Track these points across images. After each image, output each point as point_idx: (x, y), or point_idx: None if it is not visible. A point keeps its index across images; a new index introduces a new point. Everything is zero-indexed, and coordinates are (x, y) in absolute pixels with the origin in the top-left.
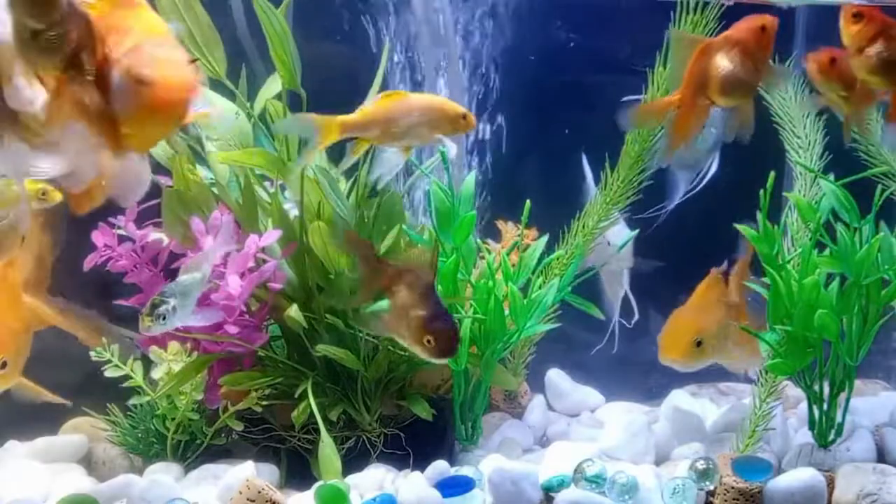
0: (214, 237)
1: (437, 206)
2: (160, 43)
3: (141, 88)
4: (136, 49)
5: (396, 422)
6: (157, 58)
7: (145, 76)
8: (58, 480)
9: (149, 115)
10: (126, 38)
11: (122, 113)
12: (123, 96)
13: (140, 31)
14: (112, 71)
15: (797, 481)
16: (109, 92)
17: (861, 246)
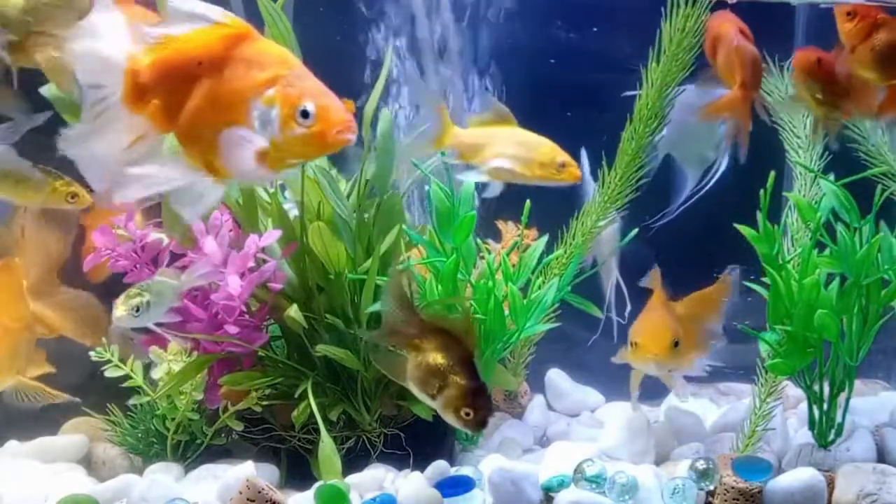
0: (215, 237)
1: (437, 206)
2: (305, 73)
3: (302, 120)
4: (287, 79)
5: (396, 422)
6: (314, 90)
7: (308, 109)
8: (58, 480)
9: (304, 149)
10: (257, 68)
11: (279, 143)
12: (276, 126)
13: (275, 61)
14: (253, 101)
15: (797, 481)
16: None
17: (861, 246)
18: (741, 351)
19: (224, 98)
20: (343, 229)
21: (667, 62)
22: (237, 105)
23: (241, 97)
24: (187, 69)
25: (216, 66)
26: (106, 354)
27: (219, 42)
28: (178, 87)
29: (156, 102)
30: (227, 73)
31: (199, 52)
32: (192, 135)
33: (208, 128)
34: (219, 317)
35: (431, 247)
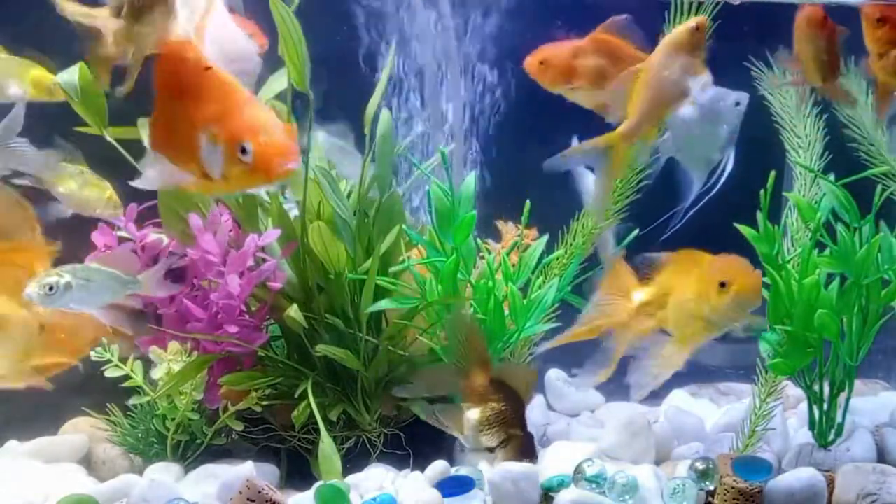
0: (214, 235)
1: (437, 206)
2: (246, 104)
3: (243, 157)
4: (227, 113)
5: (396, 422)
6: (254, 124)
7: (247, 146)
8: (58, 480)
9: (248, 181)
10: (203, 100)
11: (216, 175)
12: (220, 163)
13: (219, 94)
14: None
15: (797, 481)
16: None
17: (861, 246)
18: (741, 351)
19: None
20: (343, 229)
21: None
22: (189, 135)
23: (191, 129)
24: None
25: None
26: (106, 354)
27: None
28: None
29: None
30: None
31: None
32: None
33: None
34: (219, 317)
35: (431, 247)
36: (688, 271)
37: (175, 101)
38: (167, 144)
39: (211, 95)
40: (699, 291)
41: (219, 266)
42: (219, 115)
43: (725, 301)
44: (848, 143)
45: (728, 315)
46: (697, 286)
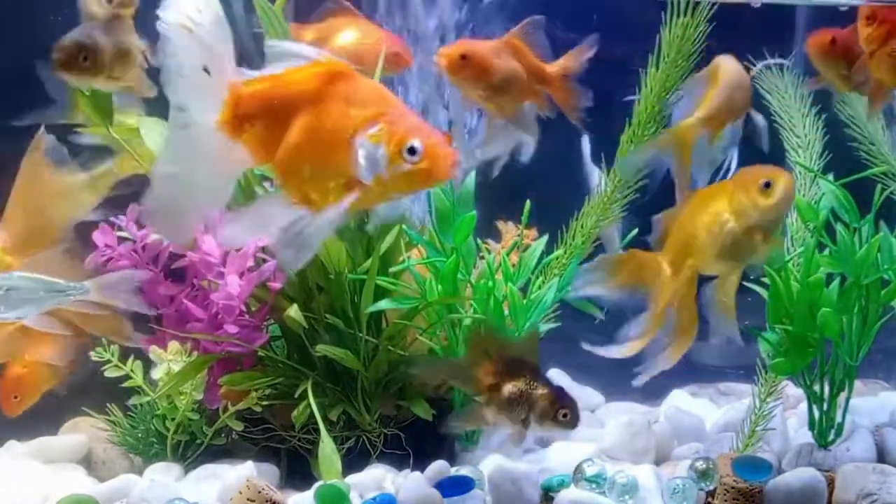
0: (214, 236)
1: (437, 206)
2: (405, 110)
3: (409, 157)
4: (390, 117)
5: (396, 422)
6: (418, 127)
7: (415, 146)
8: (58, 480)
9: (411, 184)
10: (358, 105)
11: (371, 179)
12: (381, 164)
13: (375, 98)
14: (356, 138)
15: (797, 481)
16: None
17: (861, 246)
18: (741, 351)
19: (324, 134)
20: (343, 229)
21: (666, 68)
22: (339, 142)
23: (343, 134)
24: (287, 102)
25: (315, 101)
26: (106, 354)
27: (317, 78)
28: (277, 119)
29: (253, 132)
30: (326, 110)
31: (299, 86)
32: (291, 169)
33: (308, 163)
34: (219, 317)
35: (431, 247)
36: (705, 204)
37: (317, 114)
38: (302, 160)
39: (368, 100)
40: (738, 205)
41: (219, 266)
42: (381, 116)
43: (774, 199)
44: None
45: (778, 214)
46: (732, 202)
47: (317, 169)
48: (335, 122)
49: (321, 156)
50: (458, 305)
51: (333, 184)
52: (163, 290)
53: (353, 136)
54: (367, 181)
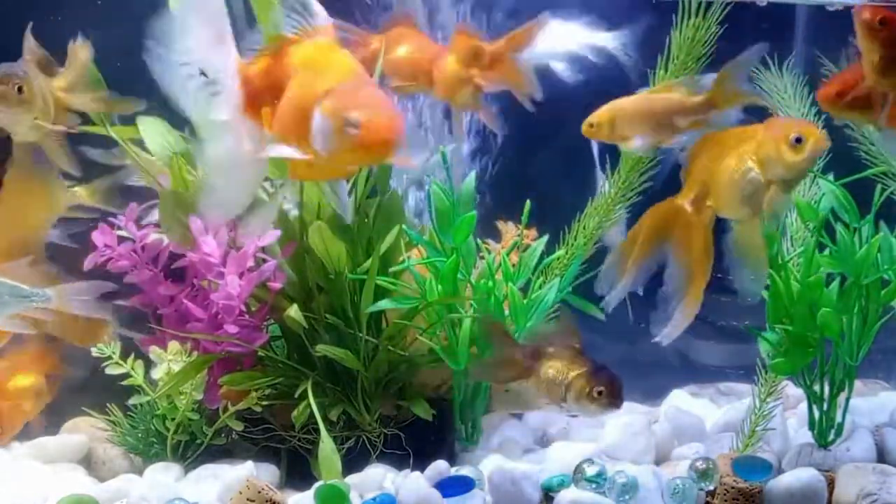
0: (214, 236)
1: (437, 206)
2: (362, 83)
3: (350, 130)
4: (340, 90)
5: (396, 422)
6: (365, 100)
7: (354, 119)
8: (58, 480)
9: (354, 156)
10: (322, 78)
11: (322, 150)
12: (328, 135)
13: (338, 71)
14: (314, 109)
15: (797, 481)
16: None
17: (861, 246)
18: (741, 351)
19: (295, 103)
20: (343, 229)
21: (676, 70)
22: (304, 111)
23: (306, 104)
24: (285, 75)
25: (299, 71)
26: (107, 351)
27: (305, 50)
28: (276, 88)
29: (267, 109)
30: (301, 80)
31: (292, 58)
32: (281, 137)
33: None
34: (219, 317)
35: (431, 247)
36: (731, 147)
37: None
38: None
39: (332, 72)
40: (765, 155)
41: (219, 267)
42: (335, 89)
43: (804, 155)
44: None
45: (802, 171)
46: (760, 151)
47: (288, 137)
48: (304, 93)
49: (293, 124)
50: (458, 305)
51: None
52: (163, 290)
53: (312, 106)
54: (320, 151)
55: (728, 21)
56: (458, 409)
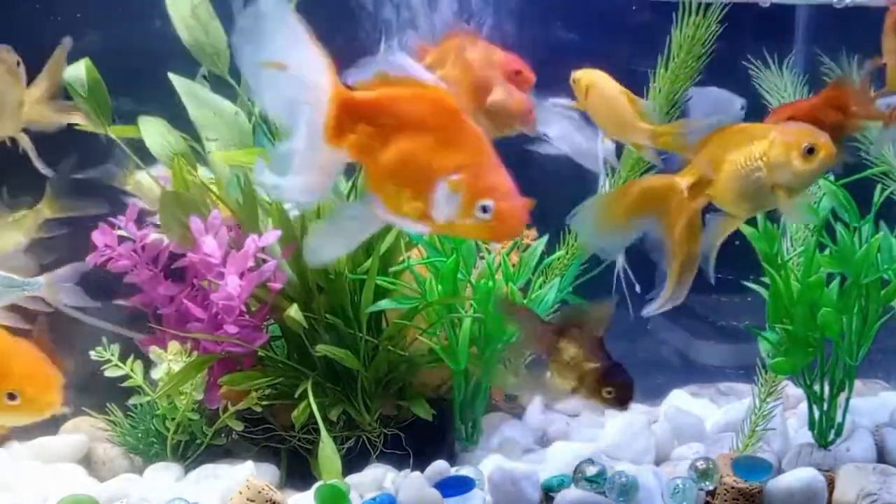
0: (214, 236)
1: None
2: (494, 164)
3: (480, 214)
4: (475, 170)
5: (396, 422)
6: (499, 185)
7: (488, 205)
8: (58, 480)
9: (471, 233)
10: (452, 148)
11: (439, 220)
12: (453, 211)
13: (470, 144)
14: (440, 180)
15: (797, 481)
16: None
17: (861, 246)
18: (741, 351)
19: (414, 165)
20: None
21: (676, 68)
22: (424, 177)
23: (428, 171)
24: (392, 118)
25: (417, 128)
26: (106, 354)
27: (425, 105)
28: (379, 130)
29: (353, 137)
30: (423, 141)
31: (407, 106)
32: (381, 185)
33: (396, 184)
34: (219, 317)
35: (431, 247)
36: (742, 142)
37: (417, 141)
38: (391, 180)
39: (461, 144)
40: (775, 159)
41: (219, 267)
42: (467, 165)
43: (812, 167)
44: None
45: (809, 180)
46: (770, 154)
47: (402, 192)
48: (426, 158)
49: (407, 183)
50: (458, 305)
51: (411, 208)
52: (163, 290)
53: (437, 176)
54: (438, 222)
55: (728, 20)
56: (458, 409)
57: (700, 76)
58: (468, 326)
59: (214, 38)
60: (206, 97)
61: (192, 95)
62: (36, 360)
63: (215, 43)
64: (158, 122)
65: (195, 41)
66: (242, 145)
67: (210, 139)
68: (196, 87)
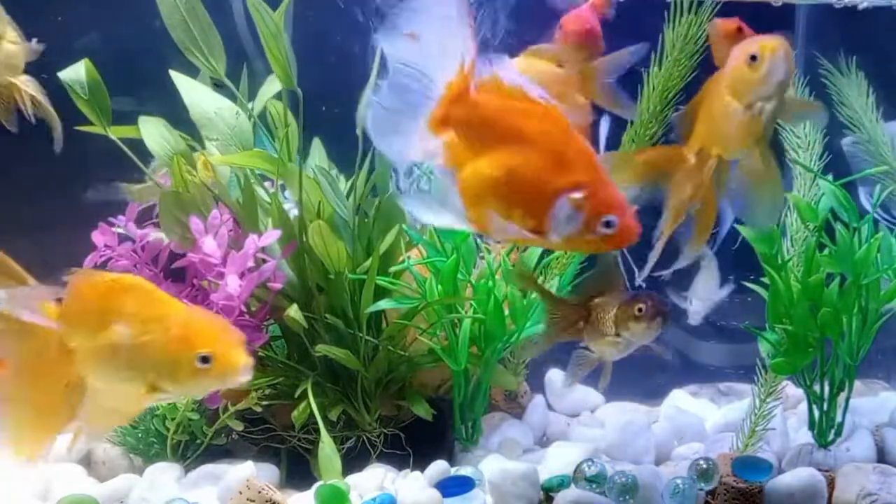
0: (214, 237)
1: None
2: (609, 181)
3: (602, 230)
4: (595, 187)
5: (396, 422)
6: (617, 201)
7: (611, 221)
8: (58, 480)
9: (586, 247)
10: (568, 165)
11: (555, 235)
12: (573, 226)
13: (585, 160)
14: (559, 196)
15: (797, 481)
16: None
17: (860, 246)
18: (741, 351)
19: (528, 181)
20: (343, 229)
21: (669, 67)
22: (540, 194)
23: (546, 189)
24: (499, 126)
25: (527, 143)
26: None
27: (538, 121)
28: (480, 136)
29: (452, 135)
30: (536, 158)
31: (519, 119)
32: (479, 196)
33: (500, 199)
34: None
35: (431, 247)
36: (713, 90)
37: (528, 157)
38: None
39: (578, 162)
40: (735, 84)
41: (219, 267)
42: (587, 183)
43: (762, 71)
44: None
45: (773, 83)
46: (731, 84)
47: (502, 208)
48: (540, 175)
49: (517, 199)
50: (458, 305)
51: (517, 218)
52: (163, 291)
53: (556, 194)
54: (555, 239)
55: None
56: (458, 409)
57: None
58: (468, 326)
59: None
60: (206, 96)
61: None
62: (219, 320)
63: (209, 40)
64: (158, 122)
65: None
66: (242, 146)
67: (210, 139)
68: (197, 85)
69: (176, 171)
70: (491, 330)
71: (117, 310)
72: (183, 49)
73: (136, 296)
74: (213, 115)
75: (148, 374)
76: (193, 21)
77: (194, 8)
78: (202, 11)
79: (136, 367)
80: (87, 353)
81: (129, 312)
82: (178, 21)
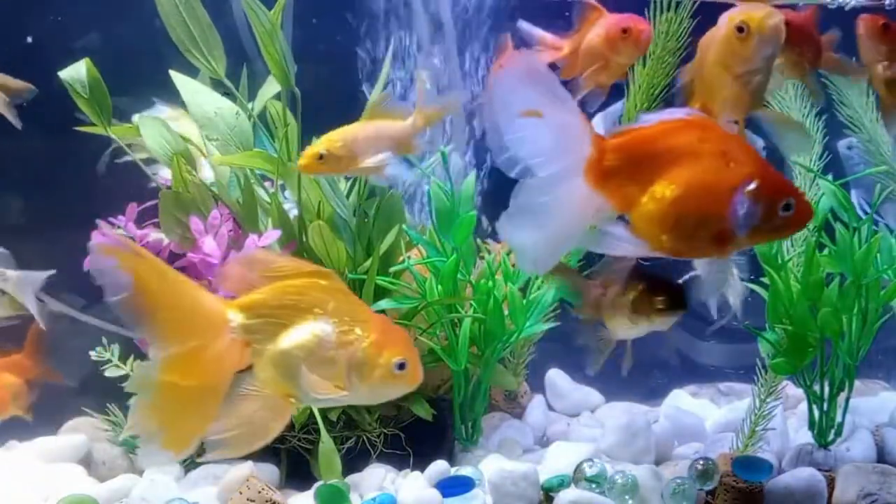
0: (214, 237)
1: (437, 206)
2: (771, 167)
3: (783, 213)
4: (766, 174)
5: (396, 422)
6: (788, 184)
7: (791, 202)
8: (58, 480)
9: (772, 235)
10: (736, 163)
11: (741, 231)
12: (756, 218)
13: (747, 154)
14: (736, 194)
15: (797, 481)
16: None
17: (860, 246)
18: (741, 351)
19: (704, 189)
20: (343, 229)
21: (652, 65)
22: (719, 197)
23: (723, 189)
24: (655, 156)
25: (690, 156)
26: (106, 354)
27: (688, 133)
28: (642, 171)
29: (616, 183)
30: (704, 165)
31: (670, 140)
32: (660, 221)
33: (682, 216)
34: None
35: (431, 247)
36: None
37: (696, 167)
38: (676, 213)
39: (741, 155)
40: (724, 56)
41: (219, 267)
42: (756, 172)
43: (752, 45)
44: None
45: (763, 55)
46: (720, 54)
47: (689, 221)
48: (716, 177)
49: (697, 209)
50: (458, 305)
51: (702, 234)
52: None
53: (733, 191)
54: (741, 235)
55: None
56: (458, 409)
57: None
58: (468, 326)
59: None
60: (207, 96)
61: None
62: (404, 331)
63: (209, 40)
64: (158, 122)
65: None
66: (242, 146)
67: (210, 139)
68: (197, 85)
69: (176, 171)
70: (491, 330)
71: (317, 307)
72: (183, 49)
73: (335, 296)
74: (213, 115)
75: (340, 374)
76: (193, 21)
77: (194, 8)
78: (202, 11)
79: (329, 365)
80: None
81: (332, 310)
82: (178, 21)
